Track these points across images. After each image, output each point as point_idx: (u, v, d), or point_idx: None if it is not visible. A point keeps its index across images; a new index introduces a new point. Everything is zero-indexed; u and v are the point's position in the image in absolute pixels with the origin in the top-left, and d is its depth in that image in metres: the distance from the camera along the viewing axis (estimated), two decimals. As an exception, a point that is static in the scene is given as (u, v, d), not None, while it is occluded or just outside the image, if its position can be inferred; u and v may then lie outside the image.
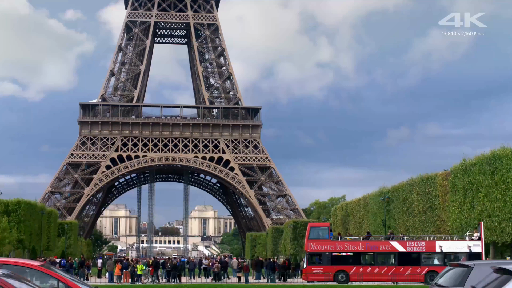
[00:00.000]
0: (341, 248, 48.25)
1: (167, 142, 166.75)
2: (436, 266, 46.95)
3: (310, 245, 48.31)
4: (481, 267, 13.41)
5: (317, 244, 48.32)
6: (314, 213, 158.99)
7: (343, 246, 48.36)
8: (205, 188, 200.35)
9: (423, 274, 46.66)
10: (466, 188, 49.56)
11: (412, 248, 47.66)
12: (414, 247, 47.76)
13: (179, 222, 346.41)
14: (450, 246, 47.57)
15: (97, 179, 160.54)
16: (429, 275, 46.59)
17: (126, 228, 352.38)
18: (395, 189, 66.06)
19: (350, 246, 48.53)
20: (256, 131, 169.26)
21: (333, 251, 47.97)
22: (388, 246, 48.11)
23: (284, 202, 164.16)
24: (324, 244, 48.21)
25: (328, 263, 47.66)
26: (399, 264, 47.27)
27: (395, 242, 48.22)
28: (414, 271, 46.92)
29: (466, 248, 46.80)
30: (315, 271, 47.70)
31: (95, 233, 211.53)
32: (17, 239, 67.76)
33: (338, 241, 48.86)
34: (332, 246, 48.18)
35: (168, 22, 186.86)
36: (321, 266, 47.74)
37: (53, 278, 11.49)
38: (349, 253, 48.17)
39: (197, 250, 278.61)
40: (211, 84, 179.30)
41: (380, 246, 48.30)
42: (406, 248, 47.69)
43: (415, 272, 46.90)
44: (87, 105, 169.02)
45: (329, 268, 47.51)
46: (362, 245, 48.47)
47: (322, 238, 48.68)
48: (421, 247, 47.72)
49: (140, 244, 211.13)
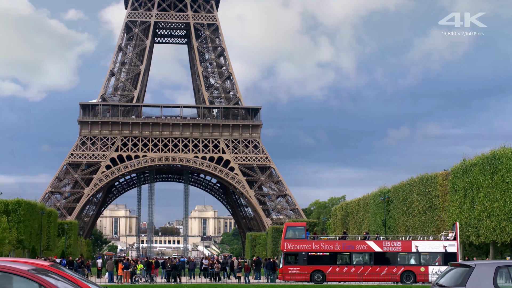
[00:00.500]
0: (317, 248, 48.17)
1: (167, 142, 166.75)
2: (412, 266, 47.06)
3: (286, 245, 48.15)
4: (482, 267, 13.39)
5: (293, 244, 48.16)
6: (314, 213, 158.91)
7: (320, 246, 48.26)
8: (205, 188, 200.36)
9: (399, 274, 46.71)
10: (466, 188, 49.55)
11: (388, 248, 47.68)
12: (390, 247, 47.79)
13: (179, 222, 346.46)
14: (426, 246, 47.68)
15: (97, 179, 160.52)
16: (405, 274, 46.71)
17: (126, 228, 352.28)
18: (395, 189, 66.06)
19: (326, 246, 48.40)
20: (256, 131, 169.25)
21: (309, 251, 47.90)
22: (364, 246, 48.10)
23: (284, 202, 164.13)
24: (301, 244, 48.10)
25: (305, 263, 47.56)
26: (375, 264, 47.26)
27: (371, 242, 48.22)
28: (390, 271, 46.94)
29: (442, 248, 47.00)
30: (292, 271, 47.54)
31: (95, 233, 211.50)
32: (17, 239, 67.74)
33: (314, 241, 48.73)
34: (308, 246, 48.09)
35: (168, 22, 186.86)
36: (298, 266, 47.60)
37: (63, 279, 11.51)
38: (325, 253, 48.08)
39: (197, 250, 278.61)
40: (211, 84, 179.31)
41: (357, 246, 48.30)
42: (382, 248, 47.71)
43: (391, 272, 46.92)
44: (87, 105, 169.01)
45: (305, 268, 47.41)
46: (339, 245, 48.38)
47: (298, 238, 48.52)
48: (397, 247, 47.75)
49: (140, 244, 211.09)
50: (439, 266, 46.62)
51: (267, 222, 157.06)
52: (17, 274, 9.38)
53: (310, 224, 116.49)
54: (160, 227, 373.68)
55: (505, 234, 44.13)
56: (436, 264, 46.95)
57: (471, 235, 49.06)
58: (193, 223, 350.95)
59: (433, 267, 46.81)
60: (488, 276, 13.07)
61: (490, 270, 13.17)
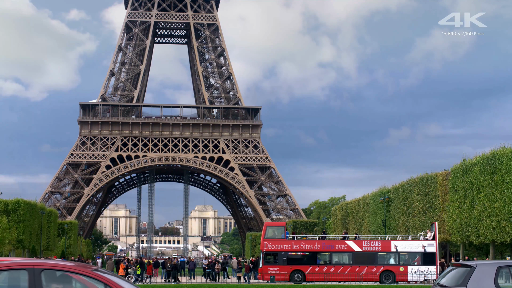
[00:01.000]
0: (297, 248, 48.07)
1: (167, 142, 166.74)
2: (391, 266, 47.10)
3: (266, 245, 48.02)
4: (484, 267, 13.39)
5: (273, 243, 48.00)
6: (314, 213, 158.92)
7: (299, 245, 48.17)
8: (205, 188, 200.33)
9: (378, 274, 46.72)
10: (466, 188, 49.53)
11: (368, 248, 47.66)
12: (370, 246, 47.78)
13: (179, 222, 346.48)
14: (405, 245, 47.71)
15: (97, 179, 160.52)
16: (384, 274, 46.74)
17: (126, 228, 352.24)
18: (395, 189, 66.04)
19: (306, 245, 48.30)
20: (256, 131, 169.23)
21: (289, 251, 47.80)
22: (344, 246, 48.05)
23: (284, 202, 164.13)
24: (280, 243, 47.96)
25: (284, 262, 47.44)
26: (355, 264, 47.21)
27: (351, 242, 48.19)
28: (369, 271, 46.92)
29: (421, 248, 47.07)
30: (271, 271, 47.40)
31: (95, 233, 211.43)
32: (17, 239, 67.71)
33: (294, 241, 48.62)
34: (288, 246, 47.97)
35: (168, 22, 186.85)
36: (277, 265, 47.46)
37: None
38: (305, 252, 47.99)
39: (197, 250, 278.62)
40: (211, 84, 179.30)
41: (336, 246, 48.22)
42: (362, 247, 47.70)
43: (370, 271, 46.91)
44: (87, 105, 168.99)
45: (285, 268, 47.29)
46: (318, 244, 48.28)
47: (278, 238, 48.42)
48: (377, 247, 47.74)
49: (140, 244, 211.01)
50: (418, 266, 46.76)
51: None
52: (82, 273, 9.47)
53: (310, 224, 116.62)
54: (160, 227, 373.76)
55: (505, 234, 44.12)
56: (415, 264, 47.02)
57: (471, 235, 49.04)
58: (193, 223, 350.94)
59: (412, 266, 46.89)
60: (489, 276, 13.07)
61: (491, 270, 13.17)
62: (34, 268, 9.25)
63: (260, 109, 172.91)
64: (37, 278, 9.18)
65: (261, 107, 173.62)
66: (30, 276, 9.19)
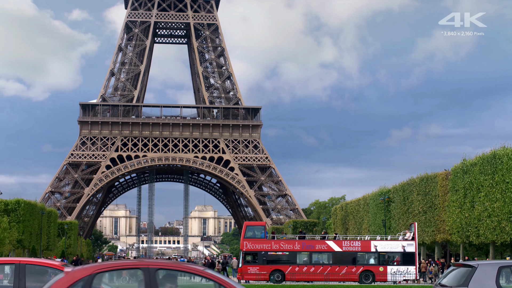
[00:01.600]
0: (277, 248, 47.89)
1: (167, 142, 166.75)
2: (371, 266, 47.10)
3: (245, 244, 47.76)
4: (485, 267, 13.41)
5: (253, 243, 47.77)
6: (314, 213, 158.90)
7: (279, 245, 48.02)
8: (205, 188, 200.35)
9: (358, 274, 46.74)
10: (466, 188, 49.52)
11: (347, 248, 47.60)
12: (350, 246, 47.73)
13: (179, 222, 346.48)
14: (385, 245, 47.74)
15: (97, 179, 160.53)
16: (363, 274, 46.76)
17: (126, 228, 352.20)
18: (395, 189, 66.03)
19: (286, 245, 48.13)
20: (256, 131, 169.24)
21: (268, 251, 47.64)
22: (324, 246, 47.94)
23: (284, 202, 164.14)
24: (260, 243, 47.77)
25: (264, 262, 47.24)
26: (334, 264, 47.13)
27: (331, 242, 48.12)
28: (349, 271, 46.89)
29: (400, 248, 47.11)
30: (251, 271, 47.16)
31: (95, 233, 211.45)
32: (17, 239, 67.68)
33: (274, 241, 48.44)
34: (268, 246, 47.77)
35: (168, 22, 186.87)
36: (257, 265, 47.22)
37: None
38: (285, 252, 47.82)
39: (197, 250, 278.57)
40: (211, 84, 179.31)
41: (316, 246, 48.09)
42: (342, 247, 47.64)
43: (350, 271, 46.88)
44: (87, 105, 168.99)
45: (264, 268, 47.10)
46: (298, 244, 48.10)
47: (258, 237, 48.30)
48: (357, 247, 47.72)
49: (140, 244, 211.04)
50: (398, 266, 46.80)
51: (267, 222, 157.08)
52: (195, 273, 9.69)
53: (310, 224, 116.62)
54: (160, 227, 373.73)
55: (505, 234, 44.12)
56: (394, 264, 47.06)
57: (471, 235, 49.03)
58: (193, 223, 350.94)
59: (392, 266, 46.92)
60: (491, 276, 13.09)
61: (492, 270, 13.19)
62: (149, 268, 9.49)
63: (260, 109, 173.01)
64: (152, 277, 9.42)
65: (261, 107, 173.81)
66: (146, 275, 9.43)
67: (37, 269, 11.77)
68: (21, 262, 11.52)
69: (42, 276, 11.87)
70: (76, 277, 9.32)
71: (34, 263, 11.81)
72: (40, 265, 11.95)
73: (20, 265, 11.44)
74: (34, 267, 11.76)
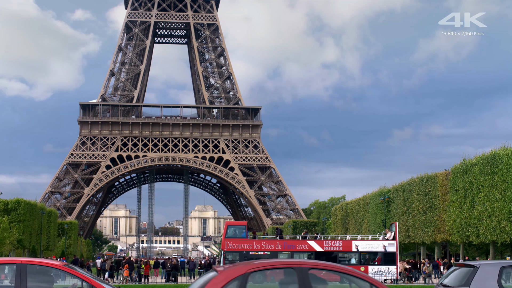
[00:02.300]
0: (258, 247, 47.56)
1: (167, 142, 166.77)
2: (352, 266, 47.05)
3: (227, 244, 47.35)
4: (487, 267, 13.45)
5: (234, 243, 47.36)
6: (314, 213, 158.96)
7: (260, 245, 47.75)
8: (205, 188, 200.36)
9: None
10: (466, 188, 49.54)
11: (329, 248, 47.48)
12: (331, 246, 47.68)
13: (179, 222, 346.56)
14: (366, 245, 47.71)
15: (97, 179, 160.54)
16: None
17: (126, 228, 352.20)
18: (395, 189, 66.04)
19: (267, 245, 47.89)
20: (256, 131, 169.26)
21: (250, 250, 47.35)
22: (305, 246, 47.74)
23: (284, 202, 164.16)
24: (241, 243, 47.43)
25: None
26: None
27: (312, 242, 48.01)
28: None
29: (382, 247, 47.11)
30: None
31: (95, 233, 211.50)
32: (17, 239, 67.68)
33: (255, 240, 48.17)
34: (249, 245, 47.46)
35: (168, 22, 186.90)
36: None
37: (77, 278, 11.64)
38: (266, 252, 47.58)
39: (197, 250, 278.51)
40: (211, 84, 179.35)
41: (298, 246, 47.92)
42: (323, 247, 47.58)
43: None
44: (87, 105, 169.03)
45: None
46: (279, 244, 47.99)
47: (239, 237, 48.07)
48: (338, 247, 47.68)
49: (140, 244, 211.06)
50: (379, 266, 46.82)
51: (267, 222, 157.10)
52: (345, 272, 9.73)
53: (310, 224, 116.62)
54: (160, 227, 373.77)
55: (505, 234, 44.13)
56: (375, 264, 47.09)
57: (471, 235, 49.04)
58: (193, 223, 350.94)
59: (373, 266, 46.93)
60: (493, 276, 13.11)
61: (494, 270, 13.22)
62: (301, 267, 9.56)
63: (260, 109, 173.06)
64: (305, 277, 9.47)
65: (261, 107, 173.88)
66: (299, 275, 9.47)
67: (38, 269, 11.78)
68: (22, 262, 11.53)
69: (43, 276, 11.88)
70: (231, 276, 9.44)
71: (35, 263, 11.82)
72: (41, 265, 11.96)
73: (22, 265, 11.45)
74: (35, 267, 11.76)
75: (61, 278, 12.54)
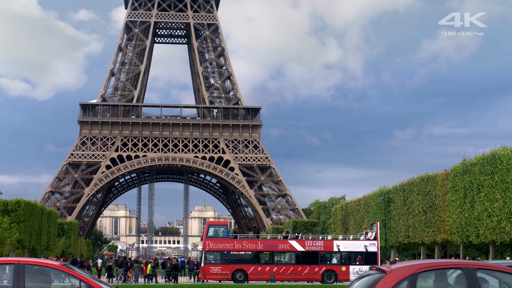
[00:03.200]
0: (239, 247, 47.65)
1: (167, 142, 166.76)
2: (333, 265, 47.09)
3: (208, 244, 47.40)
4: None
5: (215, 242, 47.37)
6: (314, 213, 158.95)
7: (242, 245, 47.82)
8: (205, 188, 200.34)
9: (321, 274, 46.59)
10: (466, 188, 49.51)
11: (310, 248, 47.51)
12: (313, 246, 47.64)
13: (179, 222, 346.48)
14: (347, 245, 47.74)
15: (97, 179, 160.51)
16: (326, 274, 46.69)
17: (126, 228, 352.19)
18: (395, 189, 65.99)
19: (248, 245, 47.92)
20: (256, 131, 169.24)
21: (231, 250, 47.33)
22: (287, 246, 47.74)
23: (284, 202, 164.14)
24: (223, 242, 47.45)
25: (226, 262, 46.85)
26: (297, 263, 46.97)
27: (293, 241, 47.91)
28: (312, 270, 46.76)
29: (363, 247, 47.20)
30: (213, 270, 46.75)
31: (95, 233, 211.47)
32: (17, 239, 67.64)
33: (236, 240, 48.22)
34: (230, 245, 47.47)
35: (168, 22, 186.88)
36: (219, 265, 46.85)
37: (74, 278, 11.63)
38: (247, 252, 47.58)
39: (197, 250, 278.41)
40: (211, 84, 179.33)
41: (279, 246, 47.87)
42: (304, 247, 47.52)
43: (313, 271, 46.77)
44: (87, 105, 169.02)
45: (227, 267, 46.74)
46: (261, 244, 47.88)
47: (220, 237, 47.94)
48: (320, 247, 47.64)
49: (140, 244, 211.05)
50: (360, 266, 46.83)
51: (267, 222, 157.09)
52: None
53: (310, 224, 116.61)
54: (160, 227, 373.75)
55: (505, 234, 44.11)
56: (357, 264, 47.06)
57: (471, 235, 49.01)
58: (193, 223, 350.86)
59: (354, 266, 46.95)
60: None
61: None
62: (469, 268, 9.44)
63: (260, 109, 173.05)
64: (474, 278, 9.32)
65: (261, 107, 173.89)
66: (467, 275, 9.36)
67: (36, 269, 11.78)
68: (20, 262, 11.53)
69: (41, 276, 11.88)
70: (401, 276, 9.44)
71: (33, 263, 11.82)
72: (39, 265, 11.97)
73: (20, 265, 11.44)
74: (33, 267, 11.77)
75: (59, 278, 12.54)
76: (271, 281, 46.56)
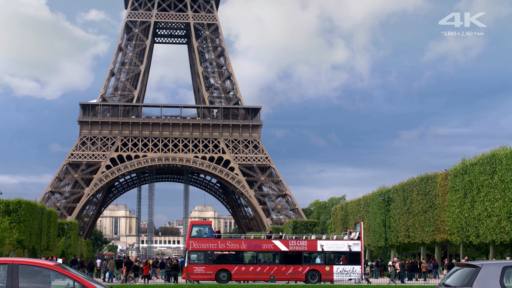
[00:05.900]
0: (223, 247, 47.46)
1: (167, 142, 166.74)
2: (317, 265, 47.02)
3: (191, 243, 47.13)
4: (489, 267, 13.45)
5: (199, 242, 47.17)
6: (314, 213, 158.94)
7: (226, 245, 47.64)
8: (205, 188, 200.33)
9: (304, 273, 46.59)
10: (466, 188, 49.47)
11: (294, 247, 47.42)
12: (296, 246, 47.57)
13: (179, 222, 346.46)
14: (331, 245, 47.66)
15: (97, 179, 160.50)
16: (310, 274, 46.63)
17: (126, 228, 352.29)
18: (395, 189, 65.95)
19: (232, 244, 47.79)
20: (256, 131, 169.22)
21: (215, 250, 47.17)
22: (270, 245, 47.64)
23: (284, 202, 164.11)
24: (206, 242, 47.22)
25: (210, 262, 46.67)
26: (281, 263, 46.85)
27: (277, 241, 47.84)
28: (296, 270, 46.62)
29: (347, 247, 47.13)
30: (197, 270, 46.49)
31: (95, 233, 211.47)
32: (17, 239, 67.63)
33: (220, 240, 47.97)
34: (214, 245, 47.25)
35: (168, 22, 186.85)
36: (203, 265, 46.62)
37: (68, 278, 11.61)
38: (231, 251, 47.42)
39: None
40: (211, 84, 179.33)
41: (263, 245, 47.76)
42: (288, 247, 47.45)
43: (297, 271, 46.63)
44: (87, 105, 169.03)
45: (210, 267, 46.55)
46: (245, 244, 47.72)
47: (204, 237, 47.79)
48: (303, 246, 47.59)
49: (140, 244, 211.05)
50: (344, 265, 46.77)
51: (267, 222, 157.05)
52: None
53: (310, 224, 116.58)
54: (160, 227, 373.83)
55: (505, 234, 44.08)
56: (340, 264, 47.02)
57: (471, 235, 48.98)
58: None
59: (338, 266, 46.89)
60: (495, 276, 13.15)
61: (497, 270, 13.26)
62: None
63: (260, 109, 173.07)
64: None
65: (261, 107, 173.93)
66: None
67: (30, 270, 11.76)
68: (14, 262, 11.51)
69: (35, 276, 11.86)
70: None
71: (27, 263, 11.80)
72: (33, 265, 11.94)
73: (13, 265, 11.41)
74: (27, 267, 11.75)
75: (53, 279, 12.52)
76: (271, 281, 46.49)
